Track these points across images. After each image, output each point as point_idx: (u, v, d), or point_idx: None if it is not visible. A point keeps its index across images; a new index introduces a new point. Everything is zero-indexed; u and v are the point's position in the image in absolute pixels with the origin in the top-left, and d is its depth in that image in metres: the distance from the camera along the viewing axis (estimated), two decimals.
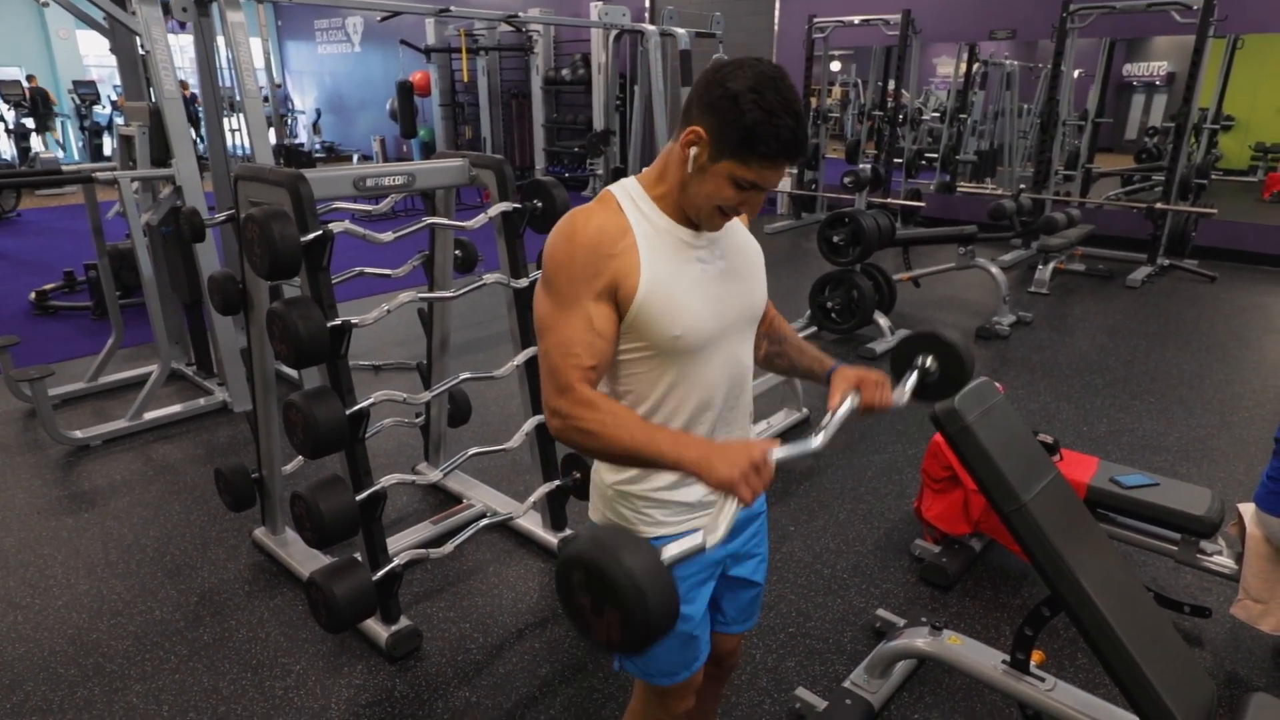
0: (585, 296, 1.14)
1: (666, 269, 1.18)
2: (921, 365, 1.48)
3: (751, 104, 1.07)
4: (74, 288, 6.06)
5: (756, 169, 1.11)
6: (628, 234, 1.17)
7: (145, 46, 3.54)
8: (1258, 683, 2.21)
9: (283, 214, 2.01)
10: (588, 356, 1.14)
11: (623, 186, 1.22)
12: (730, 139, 1.09)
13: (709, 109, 1.10)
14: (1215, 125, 7.97)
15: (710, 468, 1.06)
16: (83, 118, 12.69)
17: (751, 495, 1.04)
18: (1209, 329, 5.42)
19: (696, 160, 1.13)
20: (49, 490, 3.27)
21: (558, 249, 1.16)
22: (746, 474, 1.04)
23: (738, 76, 1.08)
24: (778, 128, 1.08)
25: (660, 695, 1.40)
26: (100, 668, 2.27)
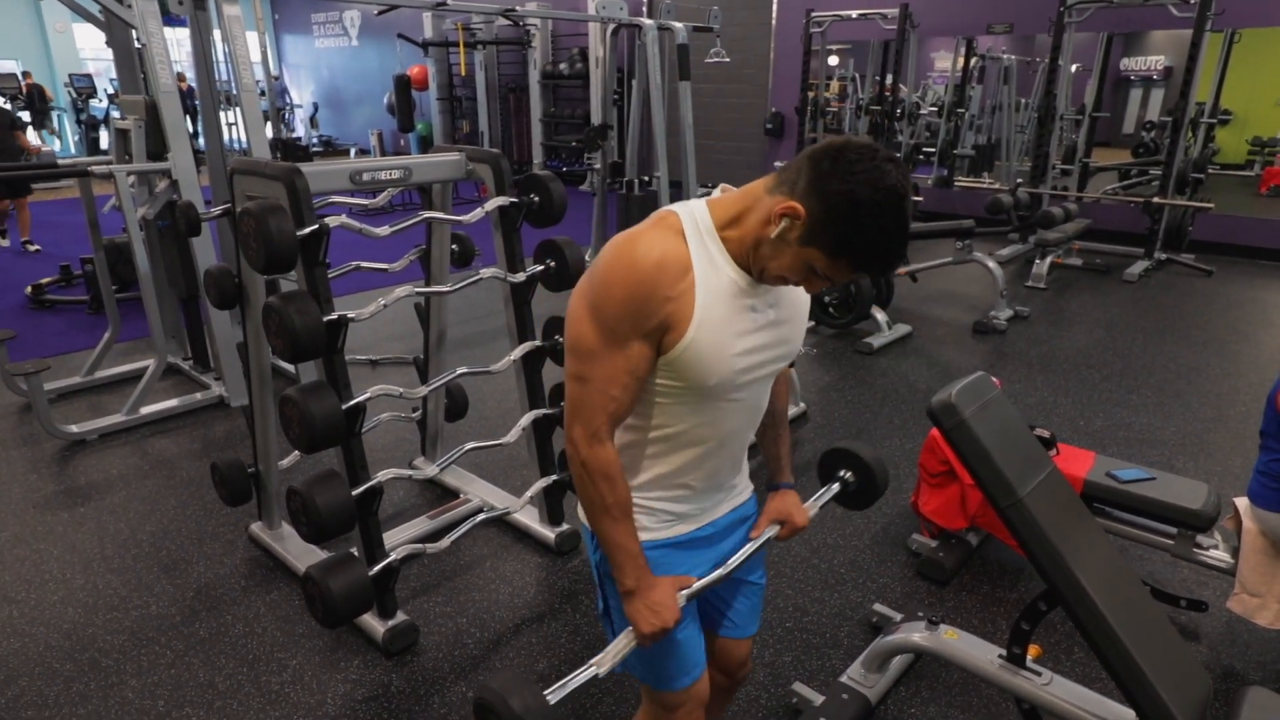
0: (634, 336, 1.10)
1: (718, 317, 1.13)
2: (842, 478, 1.60)
3: (870, 220, 1.01)
4: (70, 282, 6.04)
5: (841, 271, 1.08)
6: (688, 274, 1.10)
7: (141, 40, 3.52)
8: (1254, 676, 2.21)
9: (279, 208, 2.00)
10: (625, 401, 1.15)
11: (690, 213, 1.14)
12: (829, 237, 1.04)
13: (822, 197, 1.03)
14: (1212, 119, 7.98)
15: (634, 609, 1.21)
16: (79, 111, 12.65)
17: (649, 643, 1.22)
18: (1206, 323, 5.43)
19: (784, 233, 1.06)
20: (44, 485, 3.27)
21: (614, 277, 1.10)
22: (655, 634, 1.21)
23: (865, 180, 1.00)
24: (884, 250, 1.05)
25: (668, 710, 1.38)
26: (96, 662, 2.27)
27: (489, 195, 2.55)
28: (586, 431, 1.16)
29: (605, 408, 1.14)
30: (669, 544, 1.32)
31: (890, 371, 4.54)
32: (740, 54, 9.42)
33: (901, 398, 4.15)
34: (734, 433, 1.28)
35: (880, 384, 4.35)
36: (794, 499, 1.46)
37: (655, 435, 1.24)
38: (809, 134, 9.11)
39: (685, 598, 1.26)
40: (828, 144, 1.06)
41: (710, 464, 1.29)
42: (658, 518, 1.30)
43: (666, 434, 1.24)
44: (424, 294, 2.57)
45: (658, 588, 1.22)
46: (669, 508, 1.30)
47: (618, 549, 1.21)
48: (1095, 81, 8.58)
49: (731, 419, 1.25)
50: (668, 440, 1.24)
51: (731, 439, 1.29)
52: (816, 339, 5.06)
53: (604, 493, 1.18)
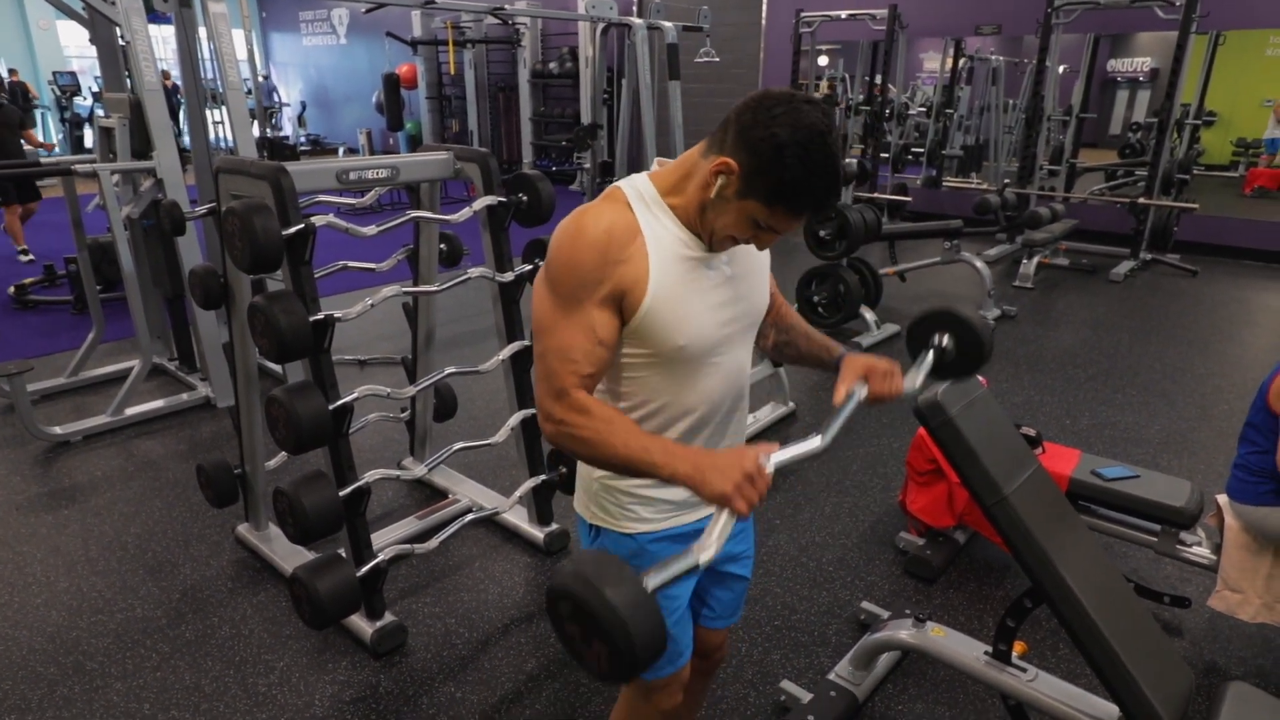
0: (589, 302, 1.10)
1: (674, 277, 1.14)
2: (938, 345, 1.41)
3: (795, 159, 1.02)
4: (54, 281, 5.99)
5: (779, 217, 1.08)
6: (637, 237, 1.12)
7: (125, 37, 3.50)
8: (1235, 672, 2.23)
9: (264, 207, 1.99)
10: (586, 364, 1.12)
11: (633, 185, 1.17)
12: (762, 185, 1.05)
13: (748, 147, 1.04)
14: (1197, 121, 8.04)
15: (704, 480, 1.03)
16: (63, 109, 12.54)
17: (747, 507, 1.01)
18: (1191, 323, 5.47)
19: (721, 190, 1.08)
20: (28, 487, 3.24)
21: (564, 248, 1.11)
22: (741, 485, 1.01)
23: (785, 122, 1.02)
24: (814, 188, 1.05)
25: (648, 691, 1.40)
26: (80, 666, 2.25)
27: (477, 194, 2.55)
28: (550, 393, 1.12)
29: (567, 370, 1.11)
30: (670, 536, 1.30)
31: None
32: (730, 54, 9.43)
33: None
34: (719, 400, 1.26)
35: None
36: (871, 358, 1.31)
37: (641, 413, 1.23)
38: None
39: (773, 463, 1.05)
40: (748, 96, 1.07)
41: (700, 437, 1.27)
42: (656, 508, 1.29)
43: (651, 409, 1.22)
44: (412, 294, 2.56)
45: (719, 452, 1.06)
46: (667, 495, 1.28)
47: (649, 451, 1.07)
48: (1082, 83, 8.65)
49: (712, 383, 1.23)
50: (654, 416, 1.23)
51: (718, 408, 1.26)
52: None
53: (593, 425, 1.10)
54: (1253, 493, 2.11)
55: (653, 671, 1.35)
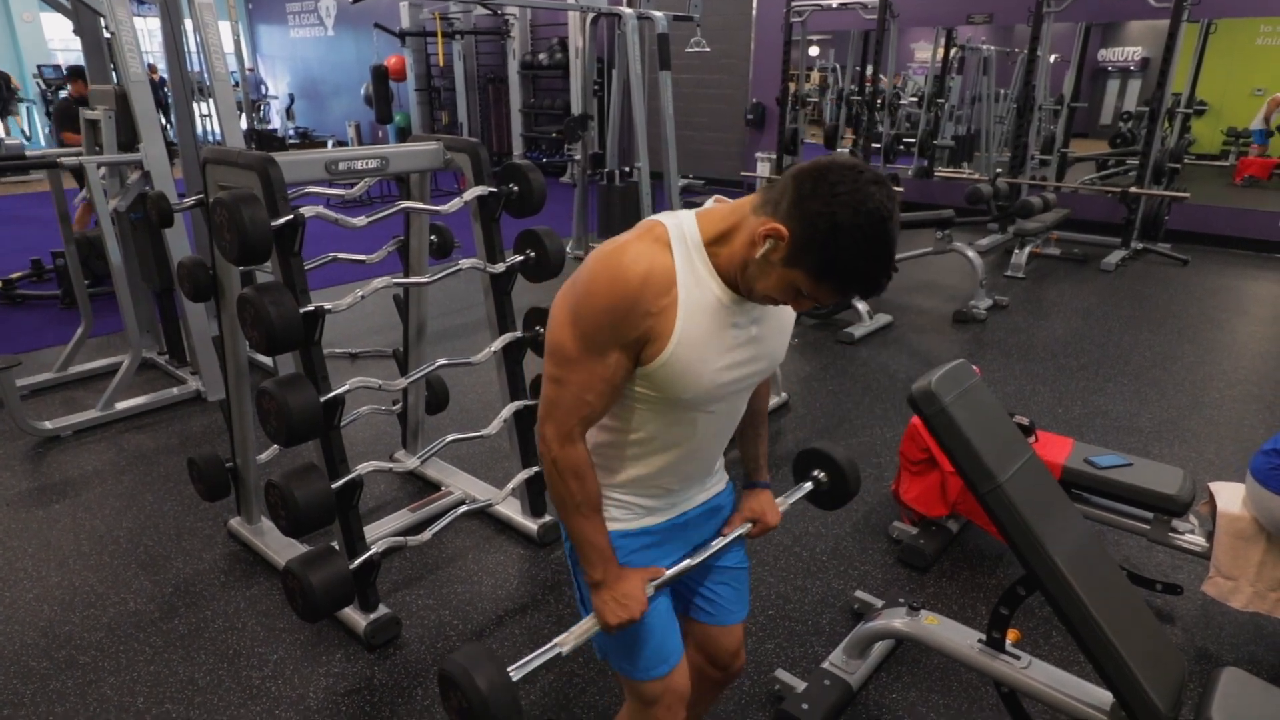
0: (612, 347, 1.10)
1: (698, 333, 1.12)
2: (815, 477, 1.64)
3: (850, 243, 0.99)
4: (42, 276, 5.94)
5: (825, 294, 1.06)
6: (672, 289, 1.09)
7: (110, 28, 3.45)
8: (1227, 658, 2.25)
9: (252, 198, 1.97)
10: (599, 407, 1.16)
11: (679, 225, 1.12)
12: (812, 261, 1.02)
13: (803, 219, 1.00)
14: (1188, 110, 8.06)
15: (598, 598, 1.24)
16: (48, 103, 12.40)
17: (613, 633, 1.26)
18: (1181, 311, 5.49)
19: (768, 254, 1.05)
20: (18, 482, 3.21)
21: (598, 288, 1.09)
22: (619, 626, 1.24)
23: (847, 203, 0.98)
24: (866, 273, 1.02)
25: (646, 704, 1.37)
26: (73, 660, 2.24)
27: (467, 185, 2.53)
28: (559, 432, 1.17)
29: (579, 411, 1.15)
30: (639, 533, 1.33)
31: (871, 361, 4.56)
32: (721, 44, 9.39)
33: (882, 387, 4.17)
34: (710, 439, 1.30)
35: (861, 373, 4.37)
36: (767, 498, 1.49)
37: (632, 439, 1.25)
38: (789, 124, 9.11)
39: (654, 588, 1.28)
40: (813, 164, 1.03)
41: (685, 468, 1.31)
42: (628, 510, 1.32)
43: (642, 438, 1.25)
44: (402, 285, 2.55)
45: (625, 580, 1.24)
46: (641, 502, 1.32)
47: (586, 544, 1.23)
48: (1073, 72, 8.65)
49: (707, 427, 1.27)
50: (644, 444, 1.25)
51: (707, 445, 1.31)
52: (798, 329, 5.05)
53: (574, 490, 1.20)
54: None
55: (641, 674, 1.34)
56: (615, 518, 1.31)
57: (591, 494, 1.22)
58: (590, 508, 1.22)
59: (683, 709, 1.39)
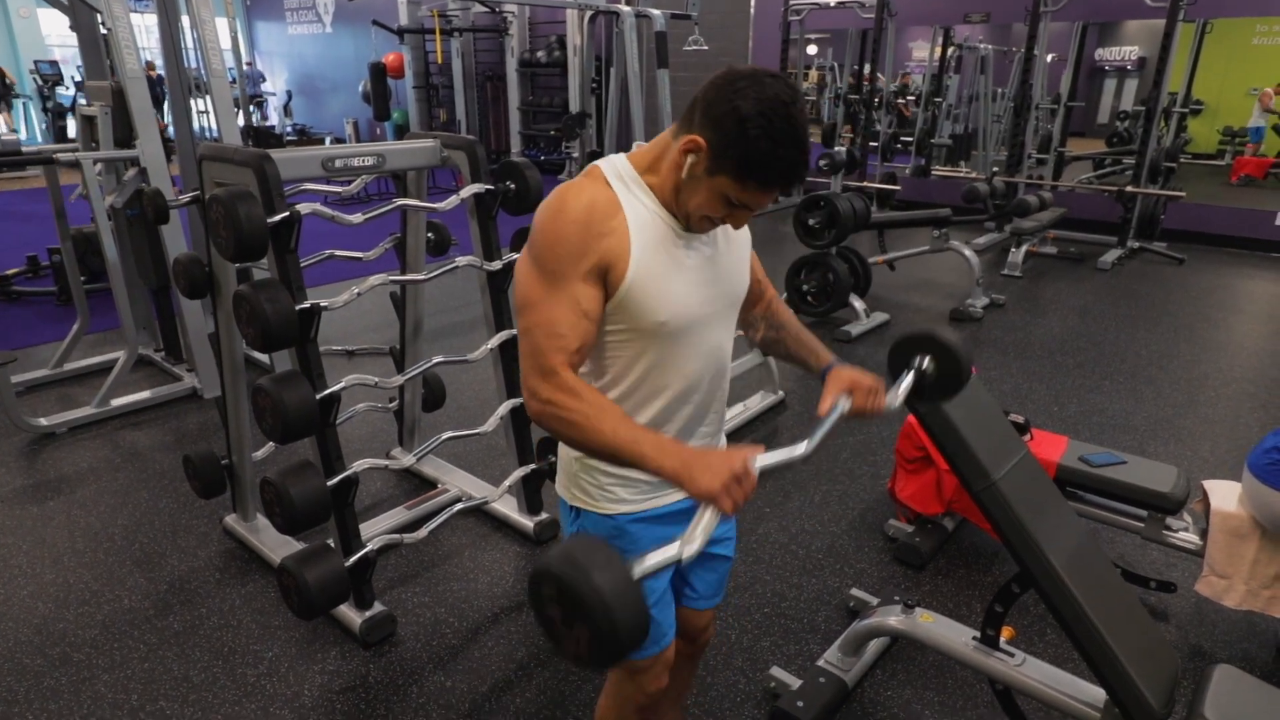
0: (574, 276, 1.10)
1: (655, 253, 1.14)
2: (919, 366, 1.41)
3: (758, 130, 1.03)
4: (38, 272, 5.92)
5: (750, 192, 1.09)
6: (618, 213, 1.13)
7: (107, 24, 3.45)
8: (1220, 655, 2.26)
9: (248, 194, 1.97)
10: (574, 338, 1.11)
11: (612, 164, 1.18)
12: (729, 159, 1.06)
13: (713, 123, 1.06)
14: (1184, 109, 8.07)
15: (691, 477, 1.03)
16: (45, 99, 12.37)
17: (733, 507, 1.01)
18: (1177, 310, 5.50)
19: (691, 169, 1.09)
20: (13, 479, 3.21)
21: (546, 224, 1.12)
22: (728, 485, 1.01)
23: (748, 95, 1.03)
24: (779, 158, 1.05)
25: (633, 674, 1.41)
26: (67, 657, 2.23)
27: (464, 183, 2.53)
28: (538, 372, 1.11)
29: (554, 346, 1.10)
30: (649, 517, 1.31)
31: (868, 359, 4.57)
32: (719, 42, 9.39)
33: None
34: (696, 378, 1.25)
35: None
36: (857, 372, 1.30)
37: (618, 390, 1.23)
38: None
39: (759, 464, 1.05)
40: (715, 74, 1.09)
41: (680, 415, 1.27)
42: (636, 488, 1.29)
43: (629, 386, 1.23)
44: (399, 282, 2.55)
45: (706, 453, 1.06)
46: (646, 476, 1.24)
47: (638, 443, 1.06)
48: (1070, 71, 8.66)
49: (691, 361, 1.23)
50: (632, 393, 1.23)
51: (696, 386, 1.26)
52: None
53: (582, 409, 1.08)
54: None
55: (637, 652, 1.34)
56: (623, 498, 1.29)
57: (603, 402, 1.10)
58: (610, 413, 1.09)
59: (667, 674, 1.42)
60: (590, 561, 0.87)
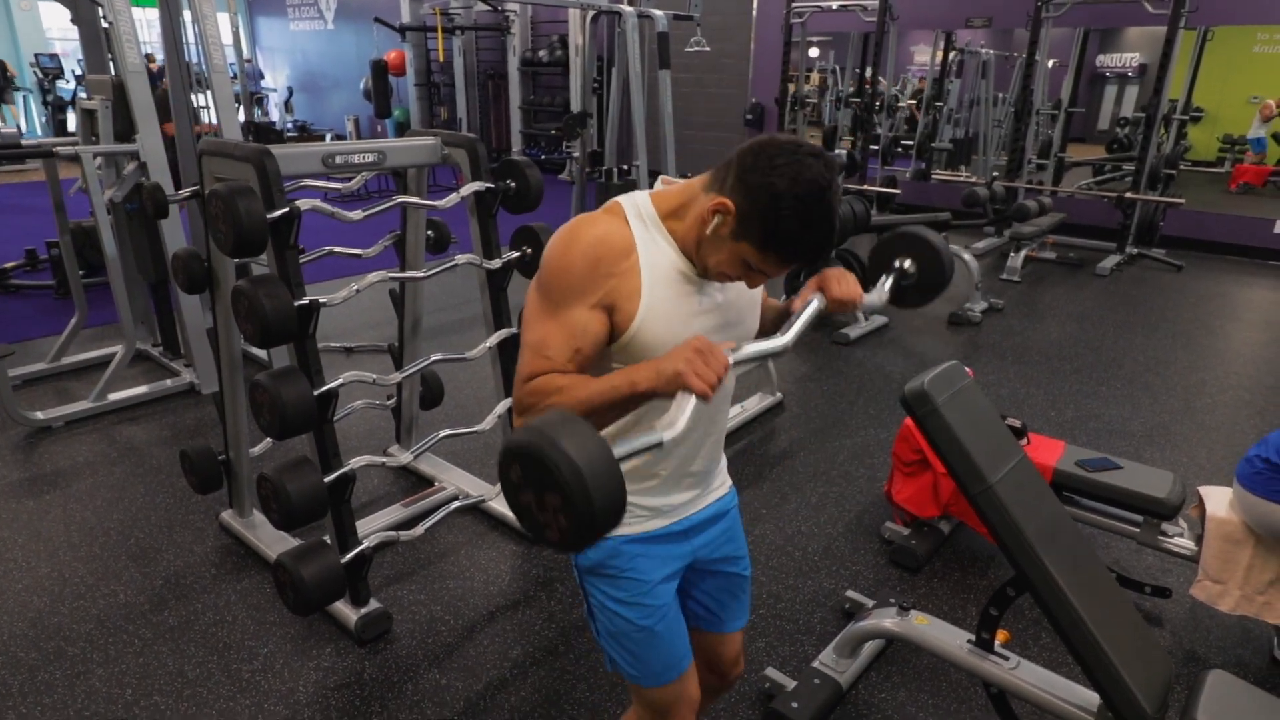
0: (576, 307, 1.10)
1: (665, 298, 1.14)
2: (899, 267, 1.41)
3: (790, 210, 1.03)
4: (36, 266, 5.92)
5: (772, 264, 1.10)
6: (632, 254, 1.12)
7: (108, 18, 3.44)
8: (1215, 661, 2.26)
9: (248, 190, 1.97)
10: (560, 358, 1.11)
11: (634, 201, 1.17)
12: (756, 231, 1.06)
13: (746, 191, 1.05)
14: (1184, 116, 8.08)
15: (659, 371, 1.03)
16: (45, 92, 12.36)
17: (703, 384, 1.00)
18: (1175, 317, 5.51)
19: (717, 229, 1.09)
20: (9, 472, 3.20)
21: (556, 255, 1.12)
22: (691, 361, 1.00)
23: (786, 174, 1.03)
24: (807, 241, 1.06)
25: (657, 714, 1.36)
26: (61, 651, 2.23)
27: (464, 181, 2.53)
28: (520, 381, 1.12)
29: (539, 361, 1.11)
30: (642, 539, 1.30)
31: (866, 362, 4.57)
32: (721, 44, 9.39)
33: (877, 388, 4.18)
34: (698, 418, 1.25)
35: (856, 374, 4.38)
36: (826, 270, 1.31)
37: (619, 426, 1.22)
38: (789, 125, 9.11)
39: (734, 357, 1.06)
40: (754, 140, 1.08)
41: (678, 452, 1.27)
42: (631, 513, 1.28)
43: (629, 421, 1.22)
44: (398, 279, 2.55)
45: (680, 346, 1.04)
46: (641, 501, 1.28)
47: (613, 388, 1.06)
48: (1071, 77, 8.67)
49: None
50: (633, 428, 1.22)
51: (697, 425, 1.25)
52: None
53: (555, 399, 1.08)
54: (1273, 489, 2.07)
55: (652, 679, 1.32)
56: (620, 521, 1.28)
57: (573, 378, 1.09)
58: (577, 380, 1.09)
59: (693, 716, 1.37)
60: (556, 430, 0.86)
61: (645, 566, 1.29)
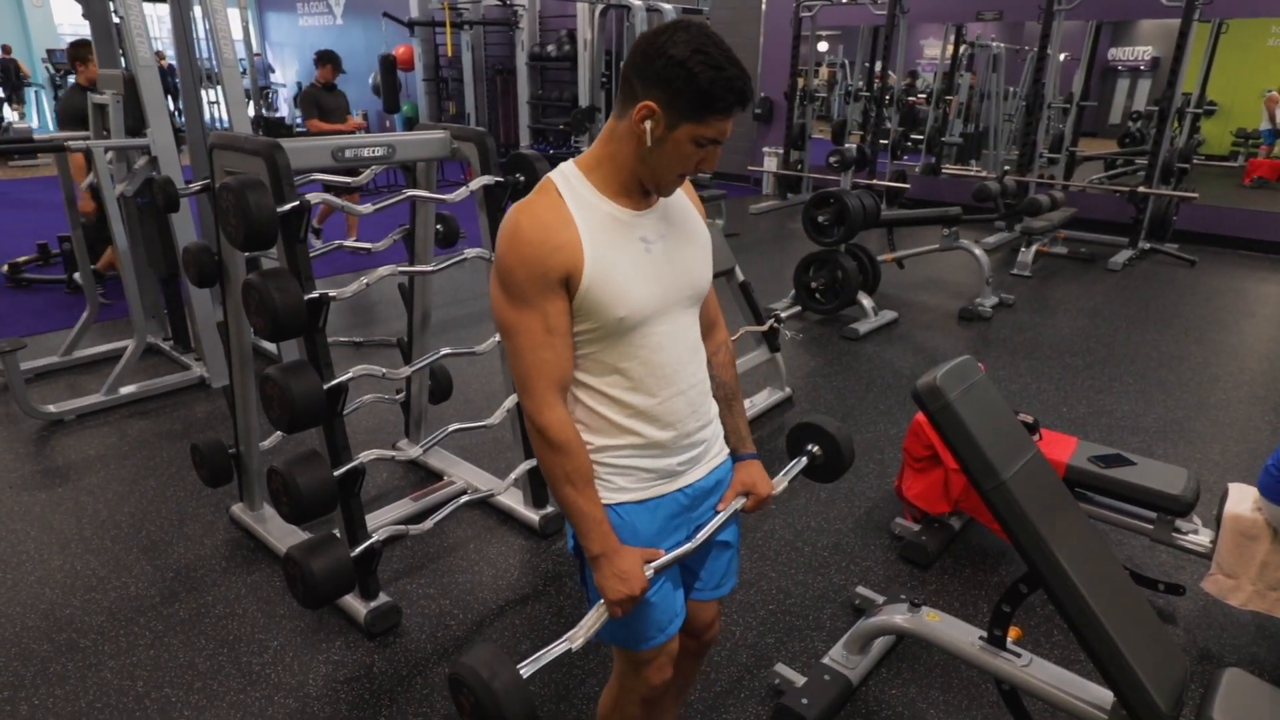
0: (539, 295, 1.17)
1: (608, 251, 1.19)
2: (810, 451, 1.64)
3: (701, 65, 1.09)
4: (48, 260, 5.95)
5: (715, 124, 1.14)
6: (569, 223, 1.18)
7: (119, 13, 3.45)
8: (1229, 659, 2.24)
9: (258, 183, 1.97)
10: (553, 358, 1.19)
11: (561, 172, 1.23)
12: (686, 104, 1.11)
13: (656, 81, 1.11)
14: (1198, 110, 8.01)
15: (599, 572, 1.23)
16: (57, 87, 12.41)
17: (620, 614, 1.24)
18: (1188, 312, 5.47)
19: (653, 133, 1.14)
20: (21, 465, 3.22)
21: (505, 251, 1.17)
22: (623, 603, 1.22)
23: (675, 43, 1.10)
24: (729, 80, 1.11)
25: (638, 666, 1.41)
26: (73, 643, 2.24)
27: (474, 175, 2.52)
28: (531, 401, 1.21)
29: (541, 372, 1.20)
30: (648, 504, 1.32)
31: (876, 357, 4.55)
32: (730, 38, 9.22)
33: (887, 383, 4.16)
34: (672, 368, 1.28)
35: (866, 369, 4.36)
36: (757, 468, 1.48)
37: (599, 387, 1.26)
38: (797, 119, 9.07)
39: (652, 570, 1.27)
40: (631, 49, 1.17)
41: (666, 409, 1.29)
42: (635, 477, 1.31)
43: (608, 383, 1.26)
44: (407, 273, 2.54)
45: (625, 555, 1.24)
46: (643, 464, 1.30)
47: (582, 516, 1.23)
48: (1083, 70, 8.60)
49: (661, 352, 1.26)
50: (612, 388, 1.26)
51: (673, 376, 1.28)
52: (803, 324, 5.06)
53: (560, 461, 1.22)
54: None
55: (640, 642, 1.37)
56: (623, 487, 1.30)
57: (580, 464, 1.23)
58: (580, 478, 1.23)
59: (671, 666, 1.43)
60: (483, 665, 1.12)
61: (646, 533, 1.32)
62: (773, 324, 3.69)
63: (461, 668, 1.12)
